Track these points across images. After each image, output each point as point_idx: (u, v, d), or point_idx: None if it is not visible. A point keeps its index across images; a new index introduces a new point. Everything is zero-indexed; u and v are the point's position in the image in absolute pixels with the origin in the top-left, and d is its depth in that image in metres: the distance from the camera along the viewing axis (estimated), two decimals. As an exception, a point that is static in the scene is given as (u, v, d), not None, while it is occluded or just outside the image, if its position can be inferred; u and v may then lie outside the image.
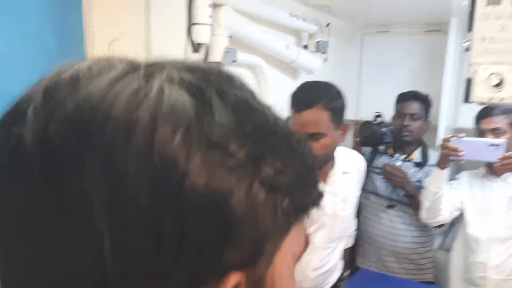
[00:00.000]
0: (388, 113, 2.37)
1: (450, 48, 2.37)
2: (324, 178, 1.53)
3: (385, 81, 2.90)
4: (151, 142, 0.28)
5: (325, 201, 1.51)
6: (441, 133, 2.45)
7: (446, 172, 1.88)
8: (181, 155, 0.28)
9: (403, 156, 2.26)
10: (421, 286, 2.09)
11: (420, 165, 2.21)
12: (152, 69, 0.32)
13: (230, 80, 0.35)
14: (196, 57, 1.61)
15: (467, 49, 1.21)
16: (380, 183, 2.28)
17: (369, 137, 2.25)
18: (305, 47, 2.28)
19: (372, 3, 2.07)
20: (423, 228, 2.25)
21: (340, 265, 1.80)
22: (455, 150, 1.79)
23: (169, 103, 0.29)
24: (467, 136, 1.84)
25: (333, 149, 1.49)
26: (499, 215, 1.92)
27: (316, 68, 2.29)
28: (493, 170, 1.93)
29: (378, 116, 2.30)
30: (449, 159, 1.83)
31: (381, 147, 2.37)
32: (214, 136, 0.30)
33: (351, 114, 2.96)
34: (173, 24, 1.56)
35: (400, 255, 2.25)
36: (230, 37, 1.70)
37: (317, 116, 1.38)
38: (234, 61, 1.72)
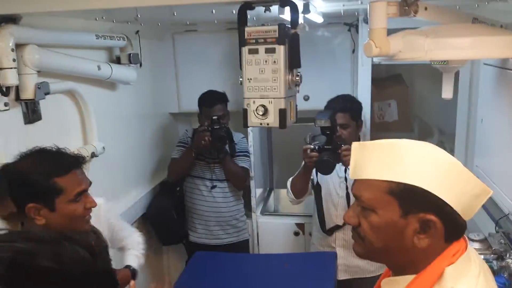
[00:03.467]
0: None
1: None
2: None
3: (200, 74, 3.20)
4: None
5: None
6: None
7: None
8: None
9: None
10: (248, 256, 2.56)
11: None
12: None
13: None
14: (6, 100, 1.67)
15: (241, 83, 1.55)
16: (202, 168, 2.73)
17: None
18: (118, 59, 2.42)
19: (177, 10, 2.27)
20: (237, 198, 2.82)
21: None
22: None
23: None
24: None
25: None
26: None
27: (132, 79, 2.46)
28: None
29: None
30: None
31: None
32: None
33: (174, 108, 3.22)
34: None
35: (223, 223, 2.78)
36: (39, 72, 1.78)
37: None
38: (47, 93, 1.81)
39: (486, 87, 2.06)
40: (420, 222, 0.89)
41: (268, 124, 1.48)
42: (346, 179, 2.29)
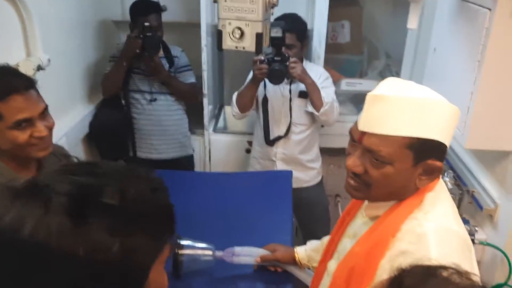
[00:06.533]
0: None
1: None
2: None
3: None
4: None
5: None
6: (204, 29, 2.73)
7: None
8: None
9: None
10: (208, 175, 2.58)
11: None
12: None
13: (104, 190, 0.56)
14: None
15: (215, 1, 1.47)
16: (140, 81, 2.63)
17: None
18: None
19: None
20: (181, 112, 2.77)
21: None
22: None
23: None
24: None
25: None
26: None
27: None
28: None
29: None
30: None
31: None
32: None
33: (117, 15, 2.99)
34: None
35: (167, 137, 2.75)
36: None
37: None
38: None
39: (442, 18, 2.11)
40: (425, 167, 0.96)
41: (244, 48, 1.44)
42: (290, 92, 2.38)
